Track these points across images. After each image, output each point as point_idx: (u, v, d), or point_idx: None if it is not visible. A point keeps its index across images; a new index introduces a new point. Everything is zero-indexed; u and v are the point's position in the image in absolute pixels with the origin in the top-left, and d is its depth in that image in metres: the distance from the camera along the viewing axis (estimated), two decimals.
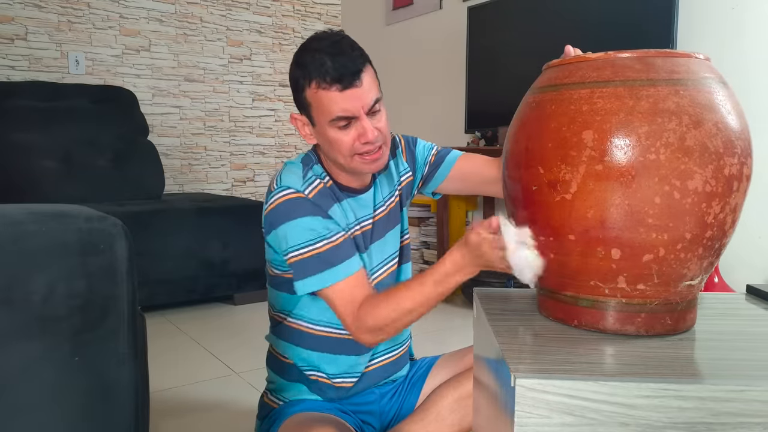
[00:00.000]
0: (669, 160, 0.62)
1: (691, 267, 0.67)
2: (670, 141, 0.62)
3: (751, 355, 0.65)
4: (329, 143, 1.05)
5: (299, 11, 4.13)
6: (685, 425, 0.55)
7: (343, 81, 0.99)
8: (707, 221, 0.65)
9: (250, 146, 3.98)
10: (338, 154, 1.05)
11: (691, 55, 0.70)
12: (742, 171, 0.66)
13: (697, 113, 0.64)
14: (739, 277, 2.19)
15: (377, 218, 1.16)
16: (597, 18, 2.45)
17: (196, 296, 2.79)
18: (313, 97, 1.02)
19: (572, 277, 0.71)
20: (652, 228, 0.64)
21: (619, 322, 0.69)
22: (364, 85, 1.01)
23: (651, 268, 0.66)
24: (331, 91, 1.00)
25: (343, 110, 1.00)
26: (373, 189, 1.17)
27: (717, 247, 0.68)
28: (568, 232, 0.68)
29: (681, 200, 0.63)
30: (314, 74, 1.00)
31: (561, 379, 0.56)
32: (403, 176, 1.23)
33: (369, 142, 1.03)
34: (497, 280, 2.70)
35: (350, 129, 1.03)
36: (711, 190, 0.63)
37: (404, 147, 1.25)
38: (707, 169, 0.63)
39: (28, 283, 0.65)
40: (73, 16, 3.31)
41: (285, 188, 1.05)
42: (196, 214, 2.76)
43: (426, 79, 3.64)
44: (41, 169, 2.77)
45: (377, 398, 1.20)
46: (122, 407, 0.75)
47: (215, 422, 1.67)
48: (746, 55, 2.17)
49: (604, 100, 0.65)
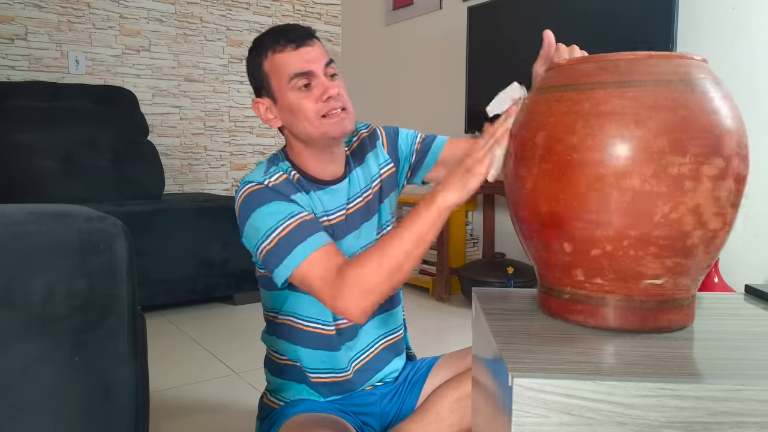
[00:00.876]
0: (606, 159, 0.65)
1: (649, 265, 0.68)
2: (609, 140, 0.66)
3: (749, 354, 0.66)
4: (293, 113, 1.07)
5: (299, 11, 4.13)
6: (683, 425, 0.55)
7: (296, 41, 1.06)
8: (655, 220, 0.65)
9: (250, 146, 3.98)
10: (305, 122, 1.06)
11: (653, 55, 0.69)
12: (699, 171, 0.64)
13: (639, 113, 0.65)
14: (739, 276, 2.19)
15: (351, 210, 1.15)
16: (597, 18, 2.45)
17: (196, 296, 2.79)
18: (269, 66, 1.07)
19: (545, 268, 0.76)
20: (595, 224, 0.67)
21: (582, 315, 0.73)
22: (317, 47, 1.08)
23: (601, 262, 0.69)
24: (286, 51, 1.06)
25: (300, 67, 1.05)
26: (347, 180, 1.16)
27: (680, 248, 0.67)
28: (534, 227, 0.74)
29: (619, 198, 0.65)
30: (269, 45, 1.07)
31: (559, 378, 0.56)
32: (383, 168, 1.22)
33: (331, 98, 1.05)
34: (497, 281, 2.70)
35: (311, 90, 1.06)
36: (651, 189, 0.64)
37: (385, 138, 1.24)
38: (646, 168, 0.64)
39: (28, 283, 0.65)
40: (73, 16, 3.32)
41: (245, 183, 1.07)
42: (196, 214, 2.77)
43: (426, 79, 3.64)
44: (41, 169, 2.77)
45: (377, 399, 1.20)
46: (122, 407, 0.75)
47: (215, 422, 1.67)
48: (746, 55, 2.17)
49: (559, 104, 0.71)
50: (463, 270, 2.91)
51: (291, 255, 0.99)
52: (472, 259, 3.23)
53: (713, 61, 0.73)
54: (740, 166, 0.67)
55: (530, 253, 0.79)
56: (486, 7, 2.96)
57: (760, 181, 2.09)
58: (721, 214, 0.67)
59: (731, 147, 0.66)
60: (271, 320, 1.19)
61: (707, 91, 0.67)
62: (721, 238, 0.69)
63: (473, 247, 3.31)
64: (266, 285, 1.16)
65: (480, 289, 0.92)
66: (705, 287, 2.14)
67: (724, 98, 0.68)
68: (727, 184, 0.66)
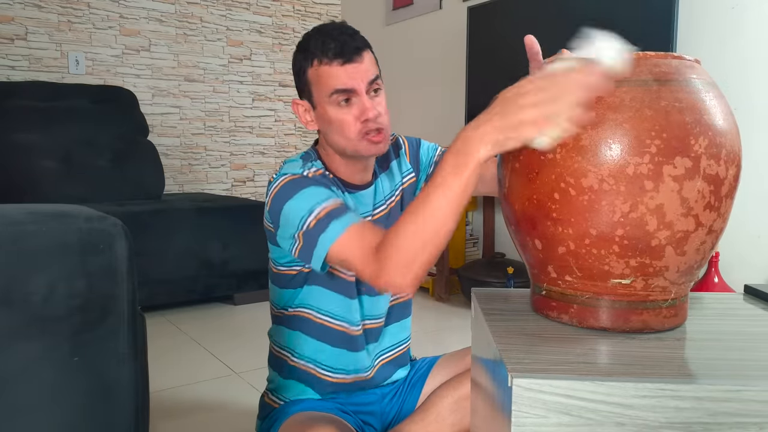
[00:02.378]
0: (564, 159, 0.67)
1: (613, 265, 0.68)
2: (566, 141, 0.67)
3: (749, 355, 0.66)
4: (330, 124, 1.06)
5: (299, 11, 4.13)
6: (682, 425, 0.55)
7: (345, 55, 1.02)
8: (614, 219, 0.66)
9: (250, 146, 3.98)
10: (341, 137, 1.05)
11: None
12: (660, 171, 0.64)
13: (600, 114, 0.65)
14: (740, 276, 2.19)
15: (376, 216, 1.16)
16: (597, 18, 2.45)
17: (196, 296, 2.79)
18: (314, 75, 1.05)
19: (528, 265, 0.79)
20: (558, 222, 0.69)
21: (556, 311, 0.75)
22: (365, 62, 1.05)
23: (568, 260, 0.70)
24: (333, 65, 1.03)
25: (343, 83, 1.02)
26: (374, 187, 1.17)
27: (644, 248, 0.67)
28: (512, 224, 0.77)
29: (577, 197, 0.66)
30: (317, 53, 1.04)
31: (558, 378, 0.56)
32: (405, 176, 1.23)
33: (370, 120, 1.03)
34: (497, 281, 2.70)
35: (351, 107, 1.04)
36: (610, 188, 0.65)
37: (407, 148, 1.25)
38: (602, 168, 0.65)
39: (28, 283, 0.65)
40: (73, 16, 3.32)
41: (282, 175, 1.05)
42: (196, 214, 2.77)
43: (426, 79, 3.64)
44: (41, 169, 2.77)
45: (378, 399, 1.21)
46: (122, 407, 0.75)
47: (215, 422, 1.67)
48: (746, 55, 2.17)
49: None
50: (463, 270, 2.91)
51: (325, 233, 0.95)
52: (472, 259, 3.23)
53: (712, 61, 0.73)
54: (714, 167, 0.66)
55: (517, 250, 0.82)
56: (486, 7, 2.96)
57: (761, 182, 2.09)
58: (693, 216, 0.66)
59: (699, 147, 0.65)
60: (281, 314, 1.18)
61: (679, 91, 0.66)
62: (696, 239, 0.67)
63: (473, 247, 3.31)
64: (281, 283, 1.15)
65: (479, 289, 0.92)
66: (705, 287, 2.14)
67: (700, 97, 0.67)
68: (697, 184, 0.65)
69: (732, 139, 0.68)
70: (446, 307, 2.89)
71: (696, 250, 0.68)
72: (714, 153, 0.65)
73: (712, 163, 0.65)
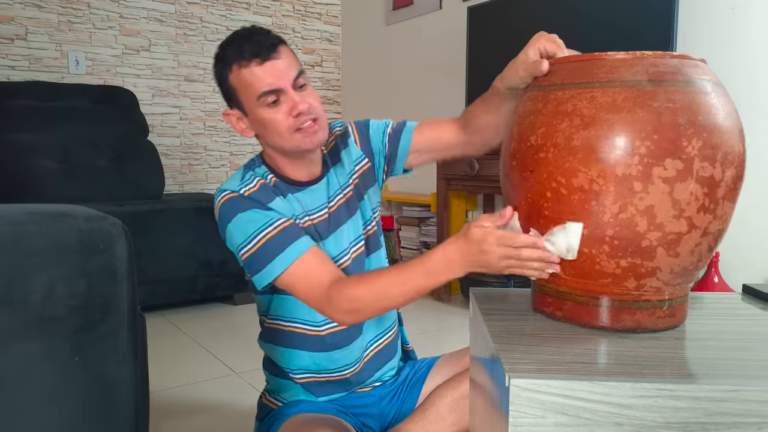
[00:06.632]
0: (555, 159, 0.68)
1: (604, 264, 0.68)
2: (558, 141, 0.68)
3: (747, 354, 0.66)
4: (265, 127, 1.06)
5: (299, 11, 4.13)
6: (680, 425, 0.56)
7: (261, 54, 1.02)
8: (604, 220, 0.66)
9: (250, 146, 3.98)
10: (276, 136, 1.06)
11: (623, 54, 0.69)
12: (650, 172, 0.64)
13: (592, 115, 0.65)
14: (741, 277, 2.19)
15: (333, 209, 1.15)
16: (597, 18, 2.45)
17: (196, 296, 2.79)
18: (236, 80, 1.05)
19: None
20: (550, 220, 0.70)
21: (551, 307, 0.75)
22: (283, 58, 1.04)
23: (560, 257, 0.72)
24: (251, 66, 1.02)
25: (268, 84, 1.02)
26: (326, 180, 1.16)
27: (635, 249, 0.67)
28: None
29: (568, 196, 0.67)
30: (234, 58, 1.04)
31: (556, 378, 0.56)
32: (357, 164, 1.21)
33: (303, 113, 1.03)
34: (496, 280, 2.70)
35: (280, 105, 1.04)
36: (599, 189, 0.65)
37: (357, 135, 1.22)
38: (592, 168, 0.65)
39: (28, 283, 0.65)
40: (73, 16, 3.32)
41: (220, 192, 1.08)
42: (196, 214, 2.76)
43: (426, 79, 3.64)
44: (41, 169, 2.77)
45: (377, 400, 1.20)
46: (122, 407, 0.75)
47: (215, 422, 1.67)
48: (746, 56, 2.17)
49: (530, 103, 0.75)
50: None
51: (270, 265, 1.02)
52: None
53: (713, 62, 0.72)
54: (709, 169, 0.65)
55: None
56: (486, 7, 2.96)
57: (762, 182, 2.09)
58: (685, 218, 0.65)
59: (692, 148, 0.64)
60: (263, 324, 1.20)
61: (675, 91, 0.65)
62: (690, 241, 0.67)
63: None
64: (254, 288, 1.16)
65: (478, 289, 0.92)
66: (705, 287, 2.14)
67: (698, 98, 0.66)
68: (689, 186, 0.64)
69: (731, 141, 0.66)
70: (446, 307, 2.89)
71: (690, 252, 0.68)
72: (708, 155, 0.65)
73: (706, 165, 0.65)
